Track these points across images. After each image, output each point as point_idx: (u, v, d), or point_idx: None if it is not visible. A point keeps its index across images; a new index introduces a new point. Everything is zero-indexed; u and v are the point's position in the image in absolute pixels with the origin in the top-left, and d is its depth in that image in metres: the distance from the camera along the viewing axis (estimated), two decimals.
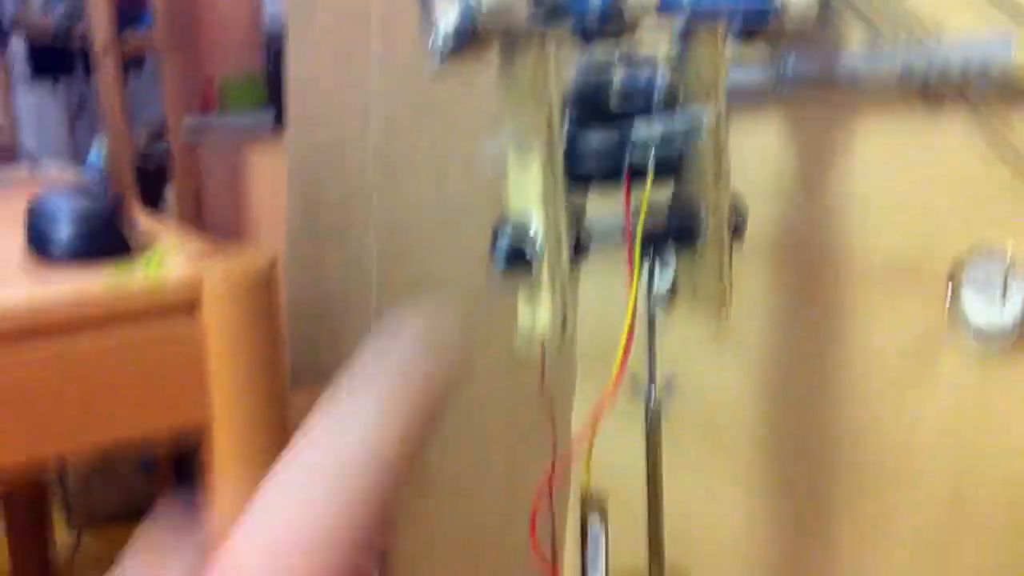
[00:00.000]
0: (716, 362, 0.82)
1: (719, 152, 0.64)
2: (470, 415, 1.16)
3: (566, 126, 0.62)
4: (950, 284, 0.66)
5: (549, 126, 0.60)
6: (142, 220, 1.17)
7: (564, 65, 0.62)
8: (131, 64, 2.21)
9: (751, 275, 0.77)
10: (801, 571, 0.78)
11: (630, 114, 0.63)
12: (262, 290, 1.07)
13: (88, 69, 2.25)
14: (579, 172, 0.62)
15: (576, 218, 0.62)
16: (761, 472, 0.81)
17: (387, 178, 1.28)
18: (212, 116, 1.91)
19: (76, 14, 2.35)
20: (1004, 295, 0.64)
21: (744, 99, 0.76)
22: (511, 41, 0.61)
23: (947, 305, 0.66)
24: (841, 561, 0.75)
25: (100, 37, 2.13)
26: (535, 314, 0.61)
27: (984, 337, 0.66)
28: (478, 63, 0.61)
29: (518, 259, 0.61)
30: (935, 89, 0.65)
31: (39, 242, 1.07)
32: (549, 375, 0.63)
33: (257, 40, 1.91)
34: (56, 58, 2.68)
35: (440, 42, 0.59)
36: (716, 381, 0.83)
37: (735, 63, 0.71)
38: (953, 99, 0.65)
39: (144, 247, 1.12)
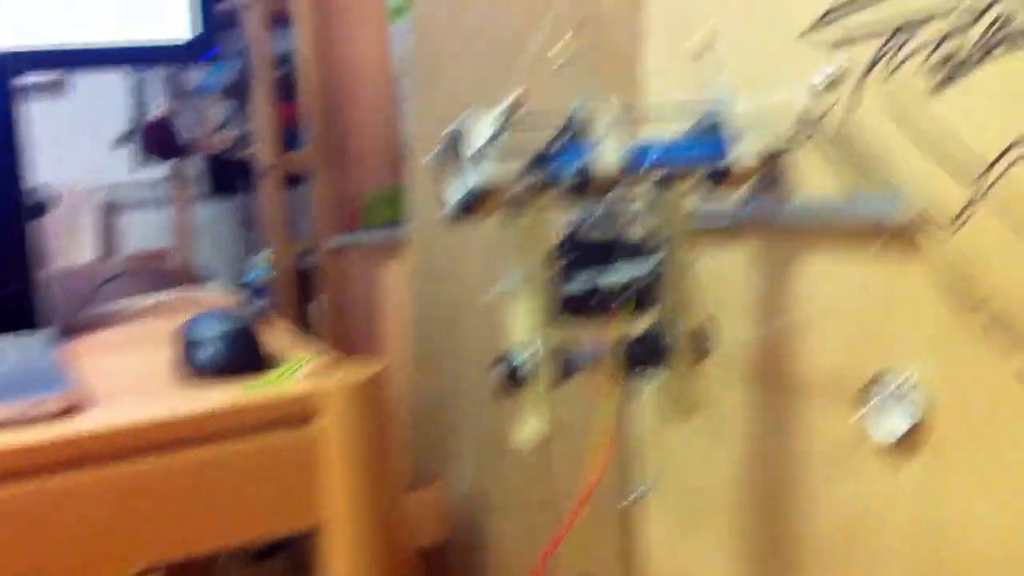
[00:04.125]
0: (701, 455, 0.95)
1: (685, 287, 0.78)
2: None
3: (554, 271, 0.76)
4: (862, 397, 0.78)
5: (539, 271, 0.75)
6: (277, 336, 1.32)
7: (553, 220, 0.76)
8: (296, 180, 2.37)
9: (727, 381, 0.90)
10: None
11: (607, 258, 0.77)
12: (371, 401, 1.21)
13: (257, 185, 2.43)
14: (565, 309, 0.76)
15: (561, 347, 0.76)
16: (738, 544, 0.92)
17: (491, 284, 1.41)
18: (356, 231, 2.09)
19: (245, 136, 2.56)
20: (899, 408, 0.76)
21: (713, 235, 0.89)
22: (509, 203, 0.75)
23: (861, 413, 0.78)
24: None
25: (264, 157, 2.33)
26: (527, 425, 0.75)
27: (886, 443, 0.79)
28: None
29: (513, 382, 0.75)
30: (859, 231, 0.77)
31: (184, 361, 1.22)
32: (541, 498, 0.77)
33: (397, 157, 2.08)
34: (233, 175, 2.93)
35: (452, 210, 0.75)
36: (701, 471, 0.95)
37: (704, 205, 0.84)
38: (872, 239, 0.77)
39: (275, 363, 1.27)
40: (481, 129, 0.71)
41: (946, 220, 0.72)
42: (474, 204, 0.73)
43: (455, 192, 0.74)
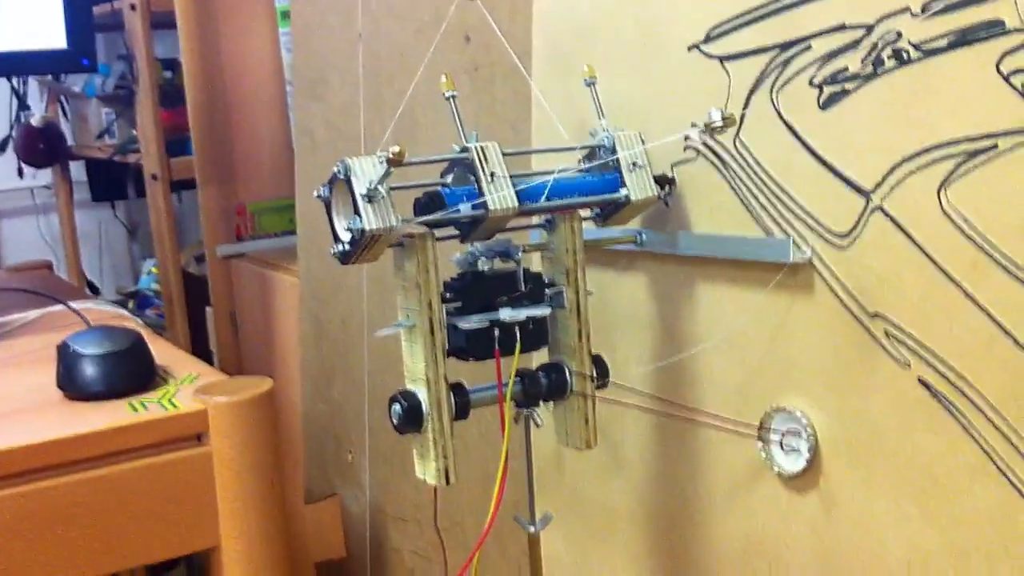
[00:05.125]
0: (603, 480, 0.96)
1: (580, 321, 0.78)
2: None
3: (445, 310, 0.75)
4: (759, 431, 0.79)
5: (430, 311, 0.74)
6: (164, 351, 1.29)
7: (443, 259, 0.75)
8: (182, 185, 2.32)
9: (626, 409, 0.90)
10: None
11: (500, 297, 0.76)
12: (259, 418, 1.19)
13: (142, 192, 2.38)
14: (457, 349, 0.76)
15: (456, 386, 0.76)
16: (639, 565, 0.94)
17: (378, 301, 1.40)
18: (244, 241, 2.05)
19: (129, 143, 2.50)
20: (798, 436, 0.78)
21: (610, 266, 0.90)
22: (398, 244, 0.74)
23: (758, 447, 0.80)
24: None
25: (150, 165, 2.28)
26: (425, 466, 0.75)
27: (784, 475, 0.80)
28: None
29: (410, 421, 0.74)
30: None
31: (67, 380, 1.19)
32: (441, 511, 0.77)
33: (286, 166, 2.05)
34: (117, 182, 2.86)
35: (340, 250, 0.73)
36: (603, 495, 0.96)
37: (600, 236, 0.85)
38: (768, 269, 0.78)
39: (160, 382, 1.24)
40: (368, 168, 0.70)
41: (841, 232, 0.73)
42: (364, 246, 0.72)
43: (344, 232, 0.73)
